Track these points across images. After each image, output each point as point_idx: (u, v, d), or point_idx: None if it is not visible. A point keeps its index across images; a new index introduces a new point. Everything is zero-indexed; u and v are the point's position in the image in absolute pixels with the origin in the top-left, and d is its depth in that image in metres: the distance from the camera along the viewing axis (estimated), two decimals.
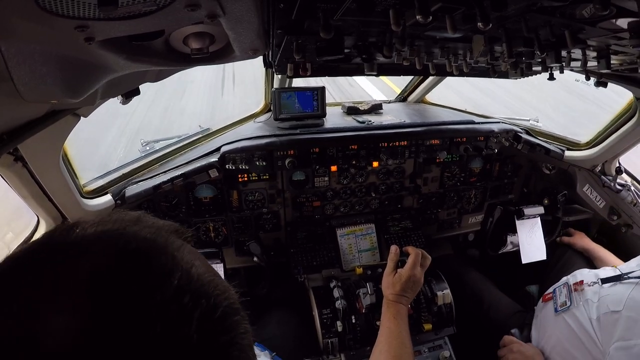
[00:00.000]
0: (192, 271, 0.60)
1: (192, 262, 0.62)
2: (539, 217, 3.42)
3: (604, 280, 2.39)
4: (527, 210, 3.38)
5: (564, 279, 2.67)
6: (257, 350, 2.19)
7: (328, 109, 3.32)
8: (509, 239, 3.52)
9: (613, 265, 2.59)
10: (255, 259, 3.14)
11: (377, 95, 11.79)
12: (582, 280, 2.51)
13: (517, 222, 3.39)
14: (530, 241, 3.40)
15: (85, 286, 0.53)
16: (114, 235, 0.61)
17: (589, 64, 1.44)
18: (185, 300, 0.56)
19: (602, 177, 3.46)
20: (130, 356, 0.51)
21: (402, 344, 2.08)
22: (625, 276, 2.32)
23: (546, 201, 3.54)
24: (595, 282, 2.42)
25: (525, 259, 3.37)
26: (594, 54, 1.35)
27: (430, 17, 0.75)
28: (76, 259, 0.56)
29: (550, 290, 2.69)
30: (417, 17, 0.75)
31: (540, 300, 2.77)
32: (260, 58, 1.66)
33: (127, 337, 0.51)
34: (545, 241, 3.43)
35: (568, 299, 2.50)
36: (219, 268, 2.88)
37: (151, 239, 0.61)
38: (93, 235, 0.61)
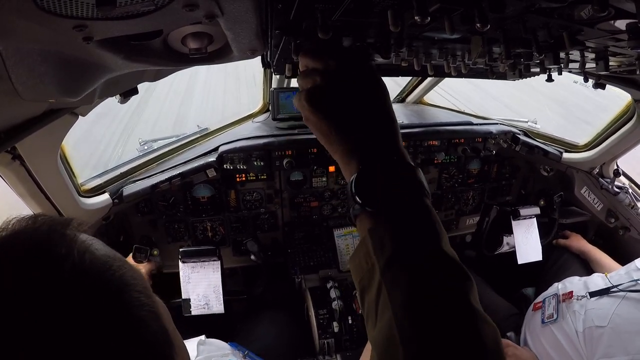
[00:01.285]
0: (85, 257, 0.66)
1: (85, 249, 0.68)
2: (535, 218, 3.42)
3: (592, 294, 2.40)
4: (523, 211, 3.38)
5: (555, 287, 2.68)
6: (229, 348, 2.19)
7: None
8: (505, 239, 3.53)
9: (604, 273, 2.59)
10: (252, 257, 3.14)
11: None
12: (572, 292, 2.51)
13: (513, 223, 3.39)
14: (526, 242, 3.40)
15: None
16: (13, 236, 0.68)
17: (588, 65, 1.44)
18: (81, 280, 0.64)
19: (600, 179, 3.47)
20: (31, 334, 0.57)
21: None
22: (613, 289, 2.33)
23: (542, 202, 3.54)
24: (583, 296, 2.43)
25: (521, 260, 3.37)
26: (593, 55, 1.35)
27: (429, 18, 0.75)
28: None
29: (540, 299, 2.70)
30: (415, 17, 0.75)
31: (531, 308, 2.77)
32: (259, 58, 1.66)
33: (27, 319, 0.58)
34: (541, 242, 3.43)
35: (555, 311, 2.51)
36: (216, 266, 2.88)
37: (46, 232, 0.68)
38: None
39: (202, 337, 2.20)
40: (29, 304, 0.59)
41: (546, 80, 1.73)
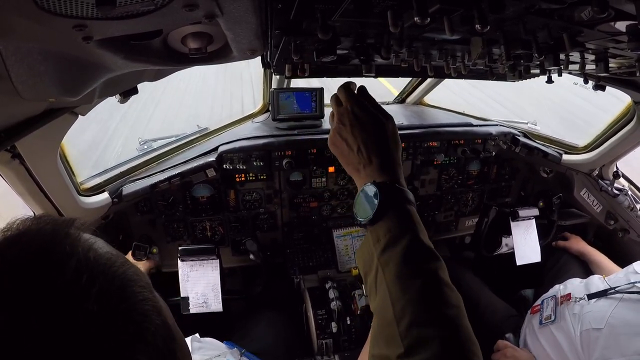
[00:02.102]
0: (89, 254, 0.68)
1: (89, 247, 0.70)
2: (533, 219, 3.42)
3: (590, 296, 2.40)
4: (522, 212, 3.38)
5: (554, 289, 2.69)
6: (225, 347, 2.19)
7: (326, 110, 3.32)
8: (504, 240, 3.53)
9: (603, 275, 2.59)
10: (251, 256, 3.14)
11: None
12: (570, 294, 2.52)
13: (512, 224, 3.39)
14: (525, 243, 3.40)
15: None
16: (18, 236, 0.69)
17: (588, 67, 1.44)
18: (84, 279, 0.64)
19: (600, 181, 3.47)
20: (40, 330, 0.58)
21: None
22: (611, 291, 2.33)
23: (541, 204, 3.54)
24: (581, 299, 2.43)
25: (519, 261, 3.37)
26: (593, 57, 1.35)
27: (429, 19, 0.76)
28: None
29: (539, 302, 2.71)
30: (415, 18, 0.75)
31: (530, 311, 2.78)
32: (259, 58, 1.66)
33: (36, 315, 0.59)
34: (540, 244, 3.43)
35: (553, 312, 2.52)
36: (215, 264, 2.89)
37: (50, 232, 0.69)
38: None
39: (196, 335, 2.21)
40: (34, 302, 0.60)
41: (546, 82, 1.73)
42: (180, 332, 0.86)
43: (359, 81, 1.45)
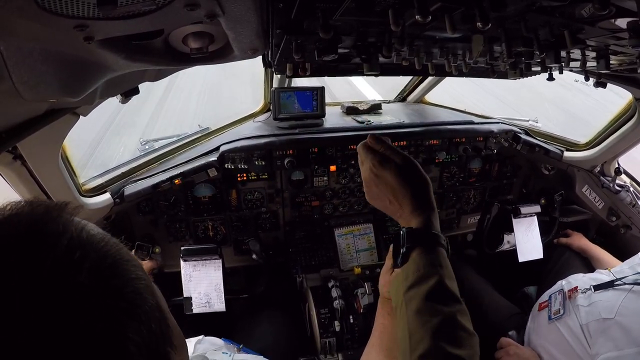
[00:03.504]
0: (82, 234, 0.69)
1: (82, 227, 0.70)
2: (535, 216, 3.41)
3: (597, 287, 2.40)
4: (524, 209, 3.37)
5: (559, 284, 2.67)
6: (223, 342, 2.19)
7: (327, 109, 3.32)
8: (506, 237, 3.53)
9: (607, 268, 2.59)
10: (254, 256, 3.14)
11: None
12: (577, 287, 2.51)
13: (514, 221, 3.38)
14: (527, 240, 3.40)
15: None
16: (11, 216, 0.69)
17: (588, 64, 1.44)
18: (76, 255, 0.65)
19: (601, 177, 3.46)
20: (30, 303, 0.59)
21: (394, 340, 2.07)
22: (618, 281, 2.32)
23: (543, 201, 3.54)
24: (588, 289, 2.42)
25: (522, 258, 3.36)
26: (593, 54, 1.35)
27: (430, 17, 0.75)
28: None
29: (546, 297, 2.69)
30: (416, 17, 0.75)
31: (537, 308, 2.76)
32: (260, 58, 1.66)
33: (27, 288, 0.59)
34: (542, 241, 3.42)
35: (562, 306, 2.50)
36: (218, 264, 2.89)
37: (43, 212, 0.70)
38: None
39: (201, 337, 2.21)
40: (26, 275, 0.60)
41: (547, 79, 1.73)
42: (174, 320, 0.85)
43: (359, 80, 1.45)
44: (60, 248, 0.64)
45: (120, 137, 10.22)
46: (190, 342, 2.09)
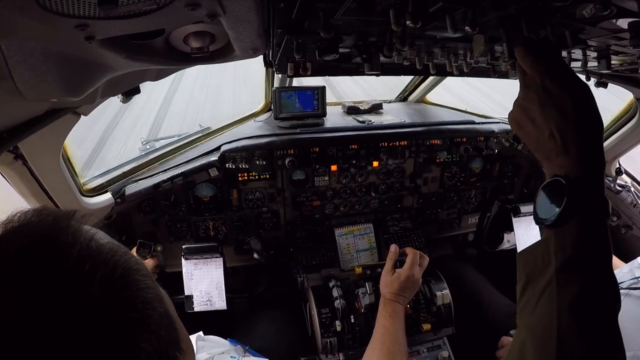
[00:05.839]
0: (91, 244, 0.70)
1: (91, 237, 0.72)
2: None
3: None
4: (524, 208, 3.36)
5: None
6: (229, 344, 2.19)
7: (328, 109, 3.33)
8: (506, 236, 3.53)
9: None
10: (255, 255, 3.14)
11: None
12: None
13: (514, 220, 3.38)
14: (527, 239, 3.39)
15: (6, 271, 0.64)
16: (20, 228, 0.70)
17: (590, 64, 1.43)
18: (87, 267, 0.65)
19: None
20: (43, 316, 0.60)
21: (395, 342, 2.07)
22: None
23: None
24: None
25: None
26: (595, 54, 1.35)
27: (420, 23, 0.76)
28: None
29: None
30: (407, 22, 0.75)
31: None
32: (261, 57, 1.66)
33: (40, 301, 0.60)
34: None
35: None
36: (219, 262, 2.89)
37: (52, 223, 0.71)
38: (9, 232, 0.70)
39: (200, 333, 2.21)
40: (39, 288, 0.61)
41: None
42: (182, 324, 0.88)
43: (360, 80, 1.45)
44: (71, 261, 0.65)
45: (128, 134, 10.25)
46: (191, 338, 2.09)
